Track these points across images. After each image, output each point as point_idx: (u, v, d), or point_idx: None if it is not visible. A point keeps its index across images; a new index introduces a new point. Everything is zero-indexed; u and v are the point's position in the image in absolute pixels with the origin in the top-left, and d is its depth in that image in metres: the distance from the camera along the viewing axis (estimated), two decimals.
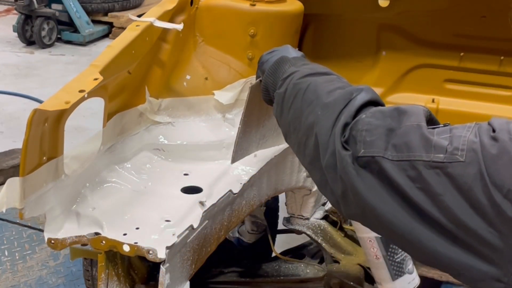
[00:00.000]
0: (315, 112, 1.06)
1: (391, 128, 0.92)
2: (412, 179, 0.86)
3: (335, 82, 1.13)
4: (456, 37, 2.22)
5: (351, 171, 0.93)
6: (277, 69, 1.29)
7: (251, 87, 1.43)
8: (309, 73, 1.17)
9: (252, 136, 1.53)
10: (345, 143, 0.96)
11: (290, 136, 1.16)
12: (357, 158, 0.93)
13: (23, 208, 1.27)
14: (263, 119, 1.54)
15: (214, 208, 1.46)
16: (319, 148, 1.02)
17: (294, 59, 1.31)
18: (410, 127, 0.90)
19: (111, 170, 1.58)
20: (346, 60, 2.41)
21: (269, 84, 1.31)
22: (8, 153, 3.71)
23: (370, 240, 1.74)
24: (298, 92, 1.13)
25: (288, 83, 1.19)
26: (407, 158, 0.88)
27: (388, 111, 0.96)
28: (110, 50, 1.55)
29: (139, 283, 1.57)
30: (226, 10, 2.01)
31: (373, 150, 0.91)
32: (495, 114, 2.26)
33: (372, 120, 0.95)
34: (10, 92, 5.10)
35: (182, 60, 1.94)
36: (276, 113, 1.22)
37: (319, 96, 1.08)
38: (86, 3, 6.71)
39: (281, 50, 1.40)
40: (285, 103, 1.17)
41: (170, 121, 1.83)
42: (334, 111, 1.02)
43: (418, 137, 0.88)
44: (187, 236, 1.36)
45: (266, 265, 2.22)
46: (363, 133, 0.94)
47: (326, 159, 0.99)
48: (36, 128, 1.26)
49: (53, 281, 2.78)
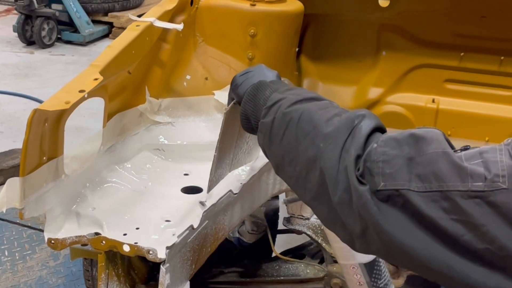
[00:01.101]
0: (315, 145, 0.99)
1: (410, 157, 0.86)
2: (446, 211, 0.81)
3: (330, 108, 1.05)
4: (456, 37, 2.22)
5: (372, 208, 0.87)
6: (256, 96, 1.21)
7: (226, 113, 1.34)
8: (297, 100, 1.10)
9: (226, 160, 1.46)
10: (360, 177, 0.90)
11: (284, 169, 1.08)
12: (376, 192, 0.87)
13: (23, 208, 1.27)
14: (236, 140, 1.46)
15: (214, 208, 1.46)
16: (325, 184, 0.95)
17: (273, 84, 1.23)
18: (435, 155, 0.84)
19: (111, 170, 1.58)
20: (346, 60, 2.41)
21: (249, 112, 1.22)
22: (8, 153, 3.71)
23: (354, 267, 1.70)
24: (290, 122, 1.06)
25: (275, 112, 1.11)
26: (438, 189, 0.82)
27: (402, 138, 0.89)
28: (110, 50, 1.55)
29: (139, 283, 1.57)
30: (226, 10, 2.01)
31: (396, 183, 0.85)
32: (495, 114, 2.27)
33: (387, 149, 0.89)
34: (10, 92, 5.10)
35: (182, 60, 1.94)
36: (264, 144, 1.15)
37: (317, 126, 1.01)
38: (86, 3, 6.71)
39: (256, 71, 1.31)
40: (274, 134, 1.10)
41: (170, 121, 1.83)
42: (338, 143, 0.95)
43: (448, 165, 0.83)
44: (187, 236, 1.36)
45: (266, 265, 2.22)
46: (379, 164, 0.88)
47: (338, 196, 0.92)
48: (36, 128, 1.26)
49: (53, 281, 2.78)
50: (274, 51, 2.10)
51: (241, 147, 1.47)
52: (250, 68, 1.34)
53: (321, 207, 0.99)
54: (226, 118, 1.34)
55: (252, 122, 1.21)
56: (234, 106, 1.33)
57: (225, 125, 1.35)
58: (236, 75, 1.33)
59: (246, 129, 1.28)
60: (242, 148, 1.49)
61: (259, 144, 1.17)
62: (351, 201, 0.90)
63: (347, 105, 2.43)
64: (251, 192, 1.67)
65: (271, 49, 2.07)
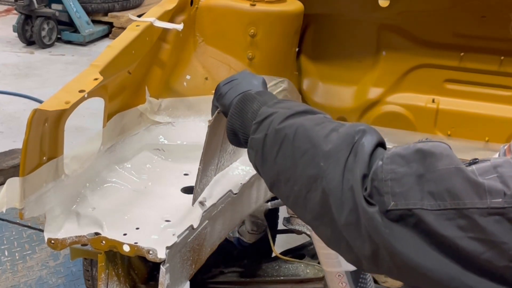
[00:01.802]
0: (315, 163, 0.95)
1: (420, 174, 0.82)
2: (463, 229, 0.78)
3: (326, 124, 1.01)
4: (456, 37, 2.22)
5: (383, 230, 0.83)
6: (243, 109, 1.15)
7: (210, 126, 1.28)
8: (289, 115, 1.05)
9: (212, 167, 1.43)
10: (369, 197, 0.86)
11: (280, 187, 1.04)
12: (386, 212, 0.83)
13: (23, 208, 1.27)
14: (222, 144, 1.42)
15: (214, 208, 1.46)
16: (328, 204, 0.92)
17: (260, 95, 1.17)
18: (447, 171, 0.81)
19: (111, 170, 1.58)
20: (346, 60, 2.41)
21: (236, 127, 1.16)
22: (8, 153, 3.71)
23: (339, 275, 1.67)
24: (285, 139, 1.01)
25: (266, 127, 1.06)
26: (454, 207, 0.79)
27: (409, 154, 0.85)
28: (110, 50, 1.55)
29: (139, 283, 1.57)
30: (226, 10, 2.01)
31: (408, 202, 0.82)
32: (495, 114, 2.27)
33: (394, 167, 0.85)
34: (10, 92, 5.10)
35: (182, 60, 1.94)
36: (255, 160, 1.09)
37: (315, 144, 0.96)
38: (86, 3, 6.71)
39: (240, 79, 1.26)
40: (267, 151, 1.05)
41: (170, 121, 1.83)
42: (339, 161, 0.91)
43: (463, 182, 0.80)
44: (187, 236, 1.36)
45: (266, 265, 2.22)
46: (388, 183, 0.84)
47: (344, 217, 0.89)
48: (36, 128, 1.26)
49: (53, 281, 2.78)
50: (274, 51, 2.10)
51: (226, 149, 1.44)
52: (234, 75, 1.28)
53: (323, 227, 0.96)
54: (211, 130, 1.29)
55: (240, 136, 1.16)
56: (218, 115, 1.28)
57: (209, 137, 1.30)
58: (219, 83, 1.27)
59: (233, 143, 1.22)
60: (227, 150, 1.46)
61: (250, 161, 1.12)
62: (358, 223, 0.87)
63: (347, 105, 2.43)
64: (250, 193, 1.67)
65: (271, 49, 2.07)
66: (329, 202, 0.91)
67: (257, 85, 1.25)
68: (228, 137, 1.21)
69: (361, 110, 2.42)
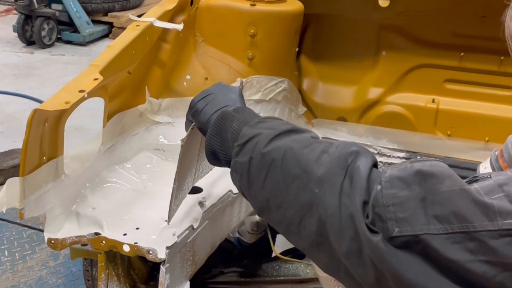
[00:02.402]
0: (308, 189, 0.91)
1: (423, 197, 0.79)
2: (472, 252, 0.75)
3: (314, 145, 0.96)
4: (456, 37, 2.22)
5: (389, 259, 0.80)
6: (222, 129, 1.10)
7: (183, 145, 1.24)
8: (274, 136, 1.00)
9: (188, 180, 1.39)
10: (371, 224, 0.82)
11: (270, 213, 0.99)
12: (390, 239, 0.80)
13: (23, 208, 1.27)
14: (198, 154, 1.37)
15: (214, 208, 1.46)
16: (325, 232, 0.88)
17: (239, 113, 1.12)
18: (452, 193, 0.78)
19: (111, 170, 1.59)
20: (346, 60, 2.41)
21: (216, 148, 1.11)
22: (8, 153, 3.71)
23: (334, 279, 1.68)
24: (273, 164, 0.97)
25: (251, 150, 1.01)
26: (462, 230, 0.76)
27: (408, 176, 0.82)
28: (110, 50, 1.55)
29: (139, 283, 1.57)
30: (226, 10, 2.01)
31: (413, 228, 0.78)
32: (495, 114, 2.27)
33: (395, 191, 0.81)
34: (10, 92, 5.10)
35: (182, 60, 1.94)
36: (241, 184, 1.05)
37: (307, 170, 0.92)
38: (86, 3, 6.71)
39: (216, 93, 1.20)
40: (254, 175, 1.00)
41: (170, 121, 1.83)
42: (334, 187, 0.87)
43: (470, 204, 0.77)
44: (187, 236, 1.36)
45: (266, 265, 2.22)
46: (390, 208, 0.80)
47: (345, 246, 0.85)
48: (36, 128, 1.26)
49: (53, 281, 2.78)
50: (274, 51, 2.10)
51: (203, 157, 1.37)
52: (209, 90, 1.22)
53: (320, 254, 0.92)
54: (184, 148, 1.25)
55: (221, 157, 1.11)
56: (192, 131, 1.24)
57: (183, 155, 1.25)
58: (194, 99, 1.22)
59: (212, 163, 1.17)
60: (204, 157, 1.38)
61: (234, 183, 1.08)
62: (360, 251, 0.84)
63: (347, 105, 2.44)
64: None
65: (271, 49, 2.07)
66: (327, 229, 0.88)
67: (235, 99, 1.20)
68: (207, 158, 1.16)
69: (361, 110, 2.43)
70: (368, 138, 2.38)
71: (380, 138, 2.37)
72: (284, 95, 2.18)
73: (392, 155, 2.36)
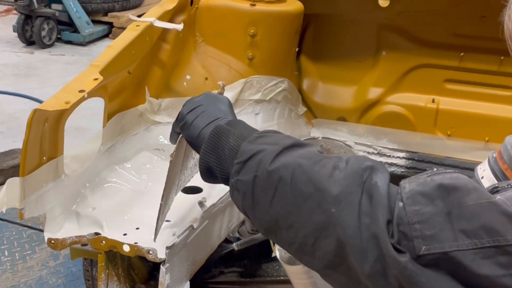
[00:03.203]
0: (324, 209, 0.87)
1: (448, 212, 0.77)
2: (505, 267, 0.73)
3: (324, 160, 0.92)
4: (456, 37, 2.22)
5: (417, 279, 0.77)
6: (218, 145, 1.05)
7: (171, 160, 1.18)
8: (278, 152, 0.95)
9: (173, 193, 1.36)
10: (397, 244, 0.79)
11: (280, 234, 0.94)
12: (417, 258, 0.77)
13: (23, 208, 1.27)
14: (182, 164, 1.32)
15: (214, 208, 1.46)
16: (344, 253, 0.85)
17: (233, 127, 1.06)
18: (479, 207, 0.76)
19: (111, 170, 1.58)
20: (346, 60, 2.41)
21: (212, 165, 1.05)
22: (8, 153, 3.70)
23: None
24: (281, 183, 0.92)
25: (255, 169, 0.96)
26: (493, 244, 0.74)
27: (430, 191, 0.80)
28: (110, 50, 1.55)
29: (139, 283, 1.57)
30: (226, 10, 2.01)
31: (442, 245, 0.76)
32: (495, 114, 2.27)
33: (419, 208, 0.79)
34: (10, 92, 5.09)
35: (182, 60, 1.94)
36: (244, 203, 0.99)
37: (320, 188, 0.88)
38: (86, 3, 6.70)
39: (205, 104, 1.15)
40: (259, 194, 0.95)
41: (170, 121, 1.82)
42: (352, 205, 0.84)
43: (500, 217, 0.75)
44: (187, 236, 1.36)
45: (266, 265, 2.21)
46: (416, 226, 0.78)
47: (369, 267, 0.81)
48: (36, 128, 1.26)
49: (53, 281, 2.78)
50: (274, 51, 2.10)
51: (186, 166, 1.36)
52: (197, 101, 1.17)
53: (337, 275, 0.88)
54: (173, 163, 1.20)
55: (217, 174, 1.06)
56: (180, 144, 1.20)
57: (171, 170, 1.21)
58: (182, 110, 1.17)
59: (208, 181, 1.11)
60: (188, 166, 1.37)
61: (235, 201, 1.02)
62: (386, 272, 0.80)
63: (347, 105, 2.44)
64: None
65: (271, 49, 2.07)
66: (346, 250, 0.84)
67: (225, 111, 1.15)
68: (202, 175, 1.10)
69: (361, 110, 2.43)
70: (368, 138, 2.38)
71: (380, 138, 2.37)
72: (284, 95, 2.18)
73: (392, 155, 2.36)
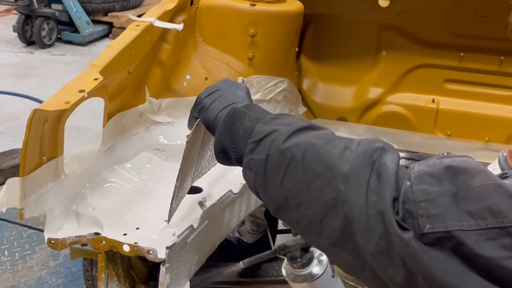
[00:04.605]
0: (333, 186, 0.88)
1: (454, 192, 0.78)
2: (508, 248, 0.73)
3: (336, 140, 0.94)
4: (456, 37, 2.22)
5: (421, 257, 0.78)
6: (233, 126, 1.07)
7: (188, 141, 1.21)
8: (292, 132, 0.97)
9: (188, 178, 1.37)
10: (402, 221, 0.80)
11: (289, 212, 0.97)
12: (421, 236, 0.78)
13: (23, 208, 1.27)
14: (199, 153, 1.34)
15: (214, 208, 1.46)
16: (350, 230, 0.86)
17: (249, 109, 1.09)
18: (485, 188, 0.77)
19: (111, 170, 1.58)
20: (346, 60, 2.41)
21: (227, 145, 1.07)
22: (8, 153, 3.71)
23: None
24: (293, 160, 0.94)
25: (267, 147, 0.98)
26: (496, 225, 0.74)
27: (438, 172, 0.80)
28: (110, 50, 1.55)
29: (139, 283, 1.57)
30: (226, 10, 2.02)
31: (446, 224, 0.77)
32: (495, 114, 2.27)
33: (426, 187, 0.80)
34: (10, 92, 5.09)
35: (182, 60, 1.94)
36: (256, 182, 1.01)
37: (331, 166, 0.89)
38: (86, 3, 6.71)
39: (223, 90, 1.17)
40: (271, 173, 0.97)
41: (170, 121, 1.83)
42: (361, 183, 0.85)
43: (506, 198, 0.75)
44: (187, 236, 1.36)
45: (266, 265, 2.22)
46: (422, 204, 0.79)
47: (374, 244, 0.82)
48: (36, 128, 1.26)
49: (53, 281, 2.78)
50: (274, 51, 2.10)
51: (204, 156, 1.37)
52: (216, 86, 1.19)
53: (343, 254, 0.89)
54: (189, 145, 1.22)
55: (232, 155, 1.08)
56: (197, 127, 1.21)
57: (187, 152, 1.23)
58: (200, 95, 1.18)
59: (222, 163, 1.13)
60: (205, 156, 1.39)
61: (247, 181, 1.04)
62: (390, 249, 0.81)
63: (347, 105, 2.44)
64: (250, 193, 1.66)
65: (271, 49, 2.07)
66: (353, 228, 0.85)
67: (242, 96, 1.17)
68: (216, 156, 1.12)
69: (361, 110, 2.43)
70: None
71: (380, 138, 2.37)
72: (284, 95, 2.18)
73: None
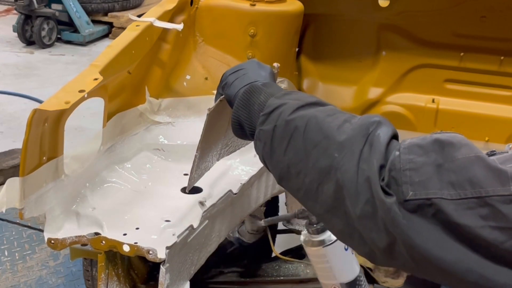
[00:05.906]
0: (328, 154, 0.92)
1: (439, 163, 0.81)
2: (484, 218, 0.76)
3: (338, 115, 0.98)
4: (456, 37, 2.22)
5: (401, 221, 0.81)
6: (249, 101, 1.13)
7: (209, 114, 1.27)
8: (299, 106, 1.02)
9: (213, 153, 1.40)
10: (386, 187, 0.84)
11: (290, 180, 1.01)
12: (404, 203, 0.81)
13: (23, 208, 1.27)
14: (225, 132, 1.38)
15: (214, 208, 1.46)
16: (341, 196, 0.90)
17: (267, 87, 1.14)
18: (467, 160, 0.79)
19: (111, 170, 1.59)
20: (346, 60, 2.41)
21: (242, 119, 1.14)
22: (8, 153, 3.71)
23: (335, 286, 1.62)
24: (296, 131, 0.99)
25: (275, 119, 1.03)
26: (475, 195, 0.77)
27: (427, 144, 0.84)
28: (110, 50, 1.55)
29: (139, 283, 1.57)
30: (226, 10, 2.02)
31: (427, 192, 0.80)
32: (495, 114, 2.27)
33: (413, 157, 0.83)
34: (10, 92, 5.10)
35: (182, 60, 1.94)
36: (263, 153, 1.06)
37: (329, 136, 0.94)
38: (86, 3, 6.71)
39: (248, 68, 1.23)
40: (276, 142, 1.02)
41: (170, 121, 1.83)
42: (354, 152, 0.89)
43: (484, 170, 0.78)
44: (187, 236, 1.36)
45: (266, 265, 2.22)
46: (407, 173, 0.82)
47: (360, 209, 0.86)
48: (36, 128, 1.26)
49: (53, 281, 2.78)
50: (274, 51, 2.10)
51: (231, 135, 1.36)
52: (242, 64, 1.25)
53: (335, 220, 0.94)
54: (210, 117, 1.27)
55: (246, 128, 1.14)
56: (221, 103, 1.27)
57: (208, 123, 1.28)
58: (226, 72, 1.25)
59: (237, 135, 1.19)
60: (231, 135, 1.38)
61: (257, 152, 1.09)
62: (375, 214, 0.85)
63: (347, 105, 2.43)
64: (250, 193, 1.67)
65: (271, 49, 2.07)
66: (343, 194, 0.89)
67: (265, 76, 1.22)
68: (233, 129, 1.18)
69: (361, 110, 2.43)
70: None
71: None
72: None
73: None
